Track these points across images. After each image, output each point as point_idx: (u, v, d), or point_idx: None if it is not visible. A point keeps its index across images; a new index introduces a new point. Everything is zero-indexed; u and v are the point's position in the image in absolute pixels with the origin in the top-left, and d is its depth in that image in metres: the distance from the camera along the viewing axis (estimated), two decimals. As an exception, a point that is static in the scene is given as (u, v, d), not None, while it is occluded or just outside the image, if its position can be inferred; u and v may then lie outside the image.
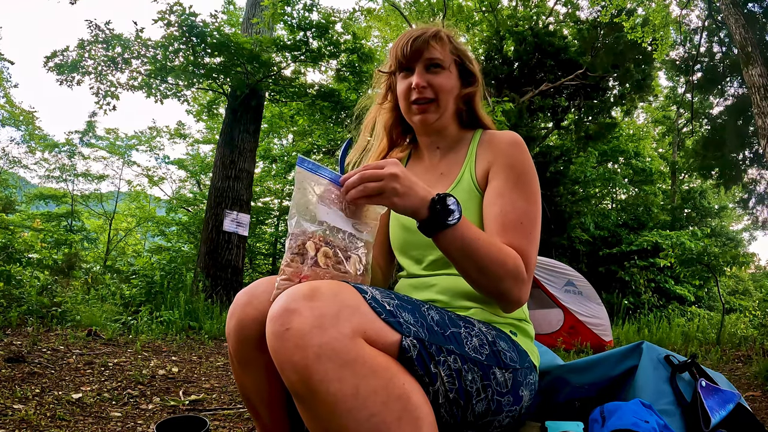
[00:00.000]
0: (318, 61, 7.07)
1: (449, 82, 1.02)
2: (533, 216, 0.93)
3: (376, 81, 1.15)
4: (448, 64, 1.02)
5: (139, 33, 6.19)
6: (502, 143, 1.00)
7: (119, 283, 5.79)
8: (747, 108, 8.55)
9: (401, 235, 1.07)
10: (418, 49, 1.00)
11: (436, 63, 1.01)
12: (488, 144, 1.03)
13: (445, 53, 1.02)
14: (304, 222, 0.76)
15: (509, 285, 0.83)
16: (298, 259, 0.74)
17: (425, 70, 1.01)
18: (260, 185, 11.49)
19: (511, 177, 0.95)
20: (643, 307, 9.34)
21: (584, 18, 11.72)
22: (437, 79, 1.01)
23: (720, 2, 7.00)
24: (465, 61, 1.06)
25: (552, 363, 1.14)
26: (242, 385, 0.87)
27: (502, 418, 0.82)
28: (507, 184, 0.95)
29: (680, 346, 5.37)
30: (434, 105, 1.02)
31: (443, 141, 1.09)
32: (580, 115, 11.68)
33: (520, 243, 0.88)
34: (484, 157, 1.01)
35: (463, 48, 1.07)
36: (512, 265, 0.83)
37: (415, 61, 1.01)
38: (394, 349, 0.67)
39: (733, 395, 0.96)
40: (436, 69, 1.01)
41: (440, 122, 1.05)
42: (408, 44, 1.00)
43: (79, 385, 2.14)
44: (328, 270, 0.74)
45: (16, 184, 11.26)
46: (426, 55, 1.00)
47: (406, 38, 1.01)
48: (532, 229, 0.92)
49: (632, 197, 13.81)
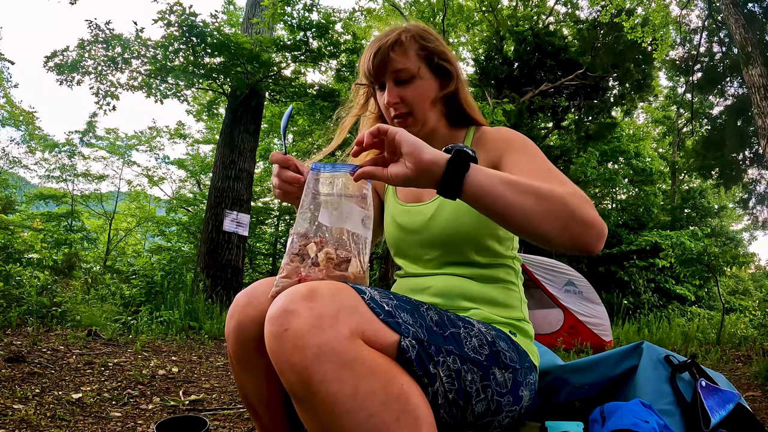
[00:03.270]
0: (318, 61, 7.07)
1: (421, 90, 0.97)
2: (553, 168, 0.86)
3: (354, 93, 1.11)
4: (416, 70, 0.96)
5: (139, 33, 6.19)
6: (499, 138, 0.98)
7: (119, 283, 5.80)
8: (747, 108, 8.55)
9: (398, 235, 1.07)
10: (380, 64, 0.95)
11: (402, 74, 0.96)
12: (483, 142, 1.00)
13: (409, 60, 0.96)
14: (306, 223, 0.76)
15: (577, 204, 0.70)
16: (298, 259, 0.74)
17: (394, 84, 0.97)
18: (260, 185, 11.50)
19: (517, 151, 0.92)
20: (643, 307, 9.34)
21: (584, 18, 11.73)
22: (407, 91, 0.97)
23: (720, 2, 7.00)
24: (437, 59, 0.99)
25: (552, 363, 1.14)
26: (242, 385, 0.87)
27: (502, 419, 0.82)
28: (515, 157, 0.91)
29: (680, 346, 5.37)
30: (412, 118, 0.99)
31: (434, 143, 1.06)
32: (580, 115, 11.69)
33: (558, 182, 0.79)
34: (482, 155, 0.98)
35: (434, 45, 0.99)
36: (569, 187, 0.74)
37: (381, 76, 0.97)
38: (393, 350, 0.67)
39: (733, 395, 0.96)
40: (404, 80, 0.96)
41: (424, 130, 1.02)
42: (370, 61, 0.96)
43: (79, 385, 2.14)
44: (328, 271, 0.74)
45: (16, 184, 11.27)
46: (390, 68, 0.95)
47: (368, 54, 0.96)
48: (560, 175, 0.83)
49: (632, 197, 13.81)
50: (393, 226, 1.08)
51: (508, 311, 0.97)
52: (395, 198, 1.10)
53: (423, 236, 1.01)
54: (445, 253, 0.98)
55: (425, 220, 1.00)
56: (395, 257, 1.11)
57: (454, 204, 0.96)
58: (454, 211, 0.96)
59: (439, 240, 0.98)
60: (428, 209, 1.00)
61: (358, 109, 1.11)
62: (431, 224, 0.99)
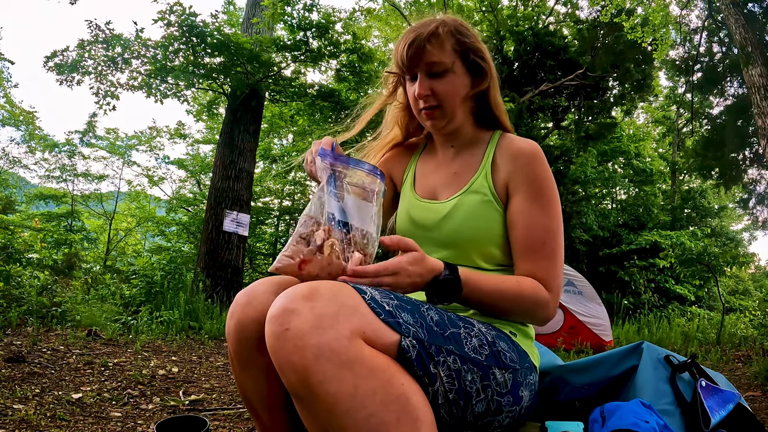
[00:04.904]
0: (318, 61, 7.06)
1: (453, 86, 0.97)
2: (555, 230, 0.94)
3: (384, 81, 1.10)
4: (450, 64, 0.96)
5: (139, 33, 6.19)
6: (521, 156, 0.97)
7: (119, 283, 5.79)
8: (747, 108, 8.55)
9: (409, 228, 1.06)
10: (415, 54, 0.95)
11: (436, 67, 0.95)
12: (506, 152, 0.99)
13: (445, 53, 0.95)
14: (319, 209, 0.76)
15: (532, 313, 0.92)
16: (303, 243, 0.74)
17: (426, 76, 0.96)
18: (260, 185, 11.49)
19: (531, 193, 0.94)
20: (643, 307, 9.33)
21: (584, 18, 11.72)
22: (439, 85, 0.96)
23: (720, 2, 7.00)
24: (472, 55, 0.98)
25: (552, 363, 1.14)
26: (242, 385, 0.87)
27: (502, 419, 0.82)
28: (527, 200, 0.94)
29: (680, 346, 5.37)
30: (440, 111, 0.98)
31: (458, 140, 1.07)
32: (580, 115, 11.69)
33: (544, 264, 0.92)
34: (503, 167, 0.98)
35: (471, 40, 0.98)
36: (531, 300, 0.90)
37: (415, 67, 0.96)
38: (393, 350, 0.67)
39: (733, 395, 0.96)
40: (437, 73, 0.96)
41: (450, 126, 1.02)
42: (404, 51, 0.95)
43: (79, 385, 2.14)
44: (329, 260, 0.74)
45: (16, 184, 11.27)
46: (425, 60, 0.95)
47: (403, 43, 0.96)
48: (555, 246, 0.94)
49: (632, 197, 13.81)
50: (406, 219, 1.07)
51: None
52: (413, 191, 1.09)
53: (433, 234, 1.01)
54: (451, 255, 0.98)
55: (438, 219, 1.00)
56: None
57: (469, 207, 0.97)
58: (467, 214, 0.96)
59: (448, 240, 0.98)
60: (443, 208, 1.00)
61: (386, 98, 1.10)
62: (443, 224, 0.99)
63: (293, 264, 0.73)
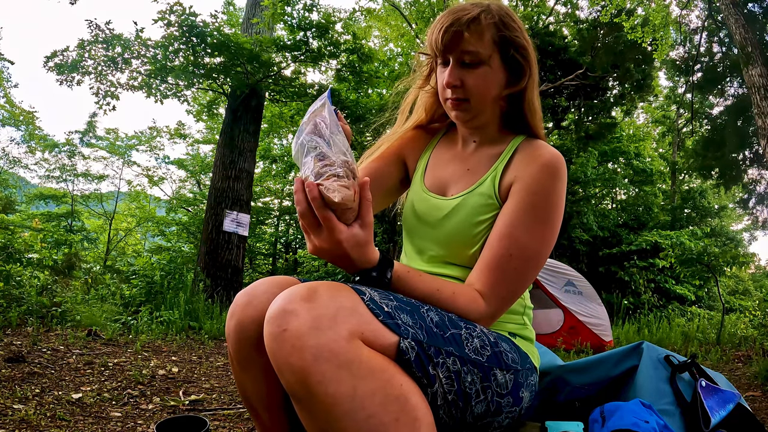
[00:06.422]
0: (318, 61, 7.07)
1: (485, 81, 0.89)
2: (531, 251, 0.85)
3: (417, 63, 1.04)
4: (487, 57, 0.87)
5: (139, 33, 6.19)
6: (535, 162, 0.89)
7: (119, 283, 5.80)
8: (747, 108, 8.55)
9: (412, 220, 1.04)
10: (451, 39, 0.86)
11: (470, 57, 0.87)
12: (523, 156, 0.92)
13: (483, 43, 0.86)
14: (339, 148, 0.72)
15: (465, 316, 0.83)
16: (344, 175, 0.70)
17: (459, 65, 0.88)
18: (260, 185, 11.51)
19: (527, 203, 0.87)
20: (643, 307, 9.34)
21: (584, 18, 11.72)
22: (471, 77, 0.88)
23: (720, 2, 7.00)
24: (513, 50, 0.89)
25: (552, 363, 1.14)
26: (242, 385, 0.87)
27: (502, 419, 0.82)
28: (518, 209, 0.87)
29: (680, 346, 5.37)
30: (467, 104, 0.91)
31: (480, 137, 1.01)
32: (580, 115, 11.69)
33: (495, 278, 0.84)
34: (514, 169, 0.92)
35: (515, 34, 0.89)
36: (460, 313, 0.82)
37: (448, 52, 0.88)
38: (392, 351, 0.67)
39: (733, 395, 0.96)
40: (471, 64, 0.88)
41: (476, 122, 0.96)
42: (440, 34, 0.86)
43: (79, 385, 2.14)
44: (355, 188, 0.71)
45: (16, 184, 11.28)
46: (460, 47, 0.86)
47: (439, 25, 0.87)
48: (523, 268, 0.85)
49: (632, 197, 13.81)
50: (411, 210, 1.04)
51: (509, 315, 0.96)
52: (422, 182, 1.05)
53: (434, 232, 0.98)
54: (449, 254, 0.97)
55: (440, 217, 0.97)
56: (405, 241, 1.09)
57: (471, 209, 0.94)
58: (468, 215, 0.94)
59: (447, 240, 0.96)
60: (447, 206, 0.97)
61: (421, 82, 1.04)
62: (444, 222, 0.96)
63: (351, 195, 0.70)
